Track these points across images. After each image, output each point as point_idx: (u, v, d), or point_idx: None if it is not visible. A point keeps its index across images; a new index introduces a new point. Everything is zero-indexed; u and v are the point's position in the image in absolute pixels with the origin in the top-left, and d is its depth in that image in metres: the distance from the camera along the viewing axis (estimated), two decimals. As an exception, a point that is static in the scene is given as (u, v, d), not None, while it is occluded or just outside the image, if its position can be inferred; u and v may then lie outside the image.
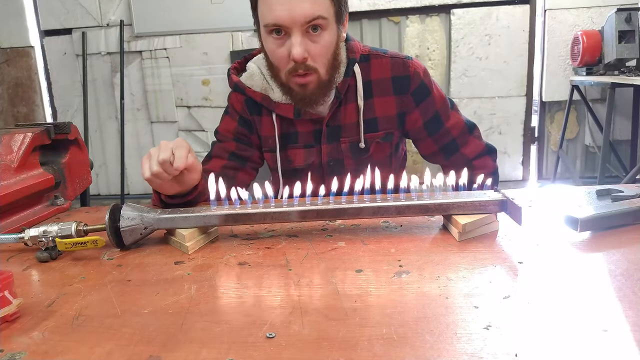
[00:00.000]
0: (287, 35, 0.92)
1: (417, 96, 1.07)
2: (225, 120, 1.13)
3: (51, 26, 3.63)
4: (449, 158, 1.12)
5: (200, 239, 0.74)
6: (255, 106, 1.09)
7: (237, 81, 1.09)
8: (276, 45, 0.94)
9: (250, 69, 1.11)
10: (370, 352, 0.44)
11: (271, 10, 0.90)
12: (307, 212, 0.74)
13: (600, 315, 0.48)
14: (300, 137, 1.09)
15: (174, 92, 3.65)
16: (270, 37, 0.94)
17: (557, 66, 3.37)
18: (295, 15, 0.88)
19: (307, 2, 0.88)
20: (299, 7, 0.88)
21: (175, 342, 0.48)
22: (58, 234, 0.71)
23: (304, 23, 0.89)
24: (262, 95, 1.06)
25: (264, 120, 1.09)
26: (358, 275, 0.61)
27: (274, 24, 0.91)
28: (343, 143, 1.08)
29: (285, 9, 0.88)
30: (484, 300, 0.52)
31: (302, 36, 0.91)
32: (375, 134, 1.08)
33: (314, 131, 1.08)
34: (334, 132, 1.08)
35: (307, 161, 1.11)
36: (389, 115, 1.08)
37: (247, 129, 1.11)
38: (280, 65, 0.96)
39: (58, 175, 1.01)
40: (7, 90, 3.75)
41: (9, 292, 0.53)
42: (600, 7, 3.22)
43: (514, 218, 0.70)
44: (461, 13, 3.34)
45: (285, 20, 0.89)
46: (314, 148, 1.10)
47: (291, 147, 1.10)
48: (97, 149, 3.82)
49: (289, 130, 1.09)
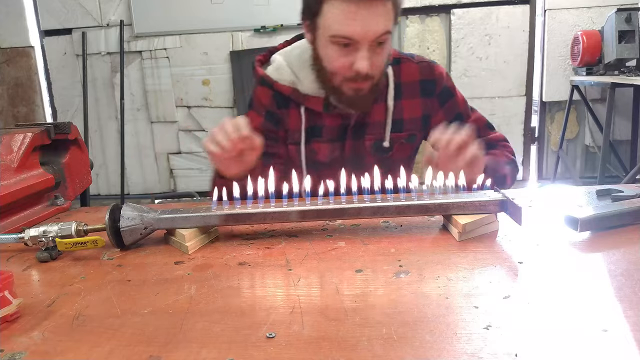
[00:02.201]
0: (353, 48, 0.93)
1: (442, 98, 1.11)
2: (251, 115, 1.12)
3: (51, 26, 3.63)
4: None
5: (200, 239, 0.74)
6: (283, 99, 1.09)
7: (263, 74, 1.09)
8: (338, 55, 0.95)
9: (276, 61, 1.11)
10: (370, 352, 0.44)
11: (343, 24, 0.90)
12: (307, 212, 0.74)
13: (600, 315, 0.48)
14: (325, 132, 1.10)
15: (174, 92, 3.65)
16: (334, 46, 0.94)
17: (557, 66, 3.37)
18: (369, 32, 0.90)
19: (381, 20, 0.90)
20: (374, 24, 0.89)
21: (175, 342, 0.48)
22: (58, 234, 0.71)
23: (374, 39, 0.91)
24: (290, 88, 1.07)
25: (292, 113, 1.10)
26: (358, 275, 0.61)
27: (343, 36, 0.91)
28: (367, 140, 1.10)
29: (359, 25, 0.89)
30: (484, 300, 0.52)
31: (369, 51, 0.92)
32: (399, 134, 1.11)
33: (340, 126, 1.09)
34: (360, 129, 1.09)
35: (330, 156, 1.11)
36: (414, 117, 1.11)
37: (273, 124, 1.11)
38: (338, 73, 0.97)
39: (58, 175, 1.01)
40: (7, 90, 3.75)
41: (9, 292, 0.53)
42: (600, 7, 3.22)
43: (514, 218, 0.70)
44: (461, 13, 3.34)
45: (357, 36, 0.90)
46: (337, 143, 1.11)
47: (315, 141, 1.11)
48: (97, 149, 3.82)
49: (316, 123, 1.10)
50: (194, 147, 3.75)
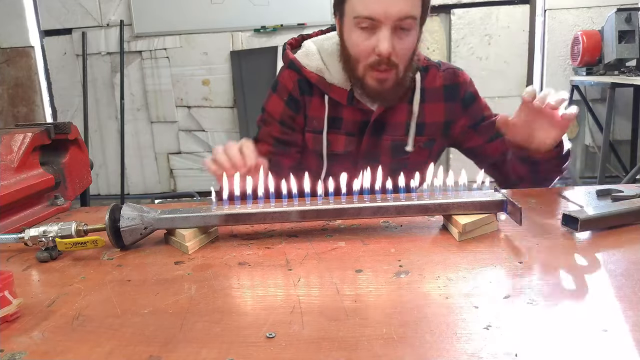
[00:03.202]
0: (375, 30, 0.94)
1: (465, 103, 1.12)
2: (273, 99, 1.14)
3: (51, 26, 3.64)
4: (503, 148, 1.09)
5: (200, 239, 0.74)
6: (308, 86, 1.10)
7: (292, 58, 1.11)
8: (362, 39, 0.96)
9: (306, 47, 1.12)
10: (370, 352, 0.44)
11: (366, 3, 0.92)
12: (307, 212, 0.74)
13: (600, 315, 0.48)
14: (344, 124, 1.11)
15: (174, 92, 3.65)
16: (357, 30, 0.96)
17: (557, 66, 3.37)
18: (391, 10, 0.91)
19: (403, 0, 0.91)
20: (396, 3, 0.91)
21: (175, 342, 0.48)
22: (58, 234, 0.71)
23: (396, 20, 0.92)
24: (317, 76, 1.08)
25: (314, 101, 1.11)
26: (358, 275, 0.61)
27: (366, 16, 0.93)
28: (385, 140, 1.11)
29: (382, 4, 0.91)
30: (484, 300, 0.52)
31: (391, 32, 0.93)
32: (419, 138, 1.11)
33: (360, 122, 1.10)
34: (378, 128, 1.10)
35: (346, 148, 1.12)
36: (436, 121, 1.11)
37: (294, 110, 1.12)
38: (361, 58, 0.98)
39: (58, 175, 1.01)
40: (7, 90, 3.75)
41: (9, 292, 0.53)
42: (600, 7, 3.22)
43: (514, 218, 0.70)
44: (461, 13, 3.34)
45: (379, 14, 0.92)
46: (354, 137, 1.12)
47: (333, 132, 1.12)
48: (97, 149, 3.82)
49: (336, 114, 1.11)
50: (194, 147, 3.75)
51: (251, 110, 3.50)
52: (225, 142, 0.89)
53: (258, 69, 3.46)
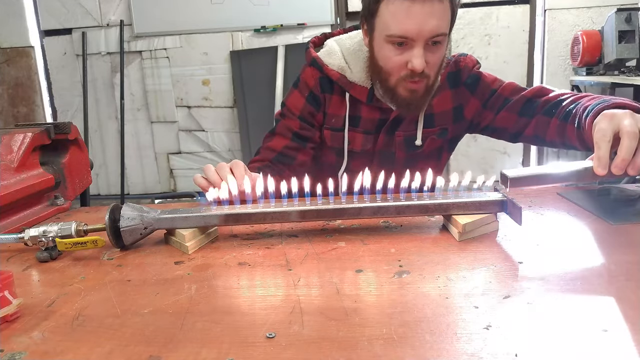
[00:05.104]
0: (408, 47, 0.96)
1: (471, 86, 1.12)
2: (294, 94, 1.15)
3: (51, 26, 3.64)
4: (533, 115, 1.05)
5: (200, 239, 0.74)
6: (329, 84, 1.12)
7: (315, 56, 1.13)
8: (394, 54, 0.98)
9: (328, 46, 1.14)
10: (370, 352, 0.44)
11: (400, 23, 0.93)
12: (307, 212, 0.74)
13: (600, 315, 0.48)
14: (362, 122, 1.13)
15: (174, 92, 3.65)
16: (389, 46, 0.97)
17: (557, 66, 3.37)
18: (424, 31, 0.93)
19: (435, 19, 0.93)
20: (428, 23, 0.92)
21: (175, 342, 0.48)
22: (58, 234, 0.71)
23: (429, 38, 0.94)
24: (338, 74, 1.10)
25: (334, 99, 1.13)
26: (358, 275, 0.61)
27: (400, 35, 0.94)
28: (398, 136, 1.13)
29: (415, 24, 0.92)
30: (484, 300, 0.52)
31: (423, 49, 0.95)
32: (431, 130, 1.13)
33: (378, 120, 1.12)
34: (393, 125, 1.12)
35: (364, 147, 1.14)
36: (445, 110, 1.13)
37: (314, 107, 1.14)
38: (394, 72, 1.00)
39: (58, 175, 1.01)
40: (7, 90, 3.75)
41: (9, 292, 0.53)
42: (600, 7, 3.22)
43: (514, 218, 0.70)
44: (461, 13, 3.34)
45: (412, 34, 0.93)
46: (371, 135, 1.13)
47: (351, 130, 1.14)
48: (97, 149, 3.82)
49: (355, 113, 1.13)
50: (194, 147, 3.75)
51: (251, 110, 3.50)
52: (225, 142, 0.89)
53: (258, 69, 3.46)
